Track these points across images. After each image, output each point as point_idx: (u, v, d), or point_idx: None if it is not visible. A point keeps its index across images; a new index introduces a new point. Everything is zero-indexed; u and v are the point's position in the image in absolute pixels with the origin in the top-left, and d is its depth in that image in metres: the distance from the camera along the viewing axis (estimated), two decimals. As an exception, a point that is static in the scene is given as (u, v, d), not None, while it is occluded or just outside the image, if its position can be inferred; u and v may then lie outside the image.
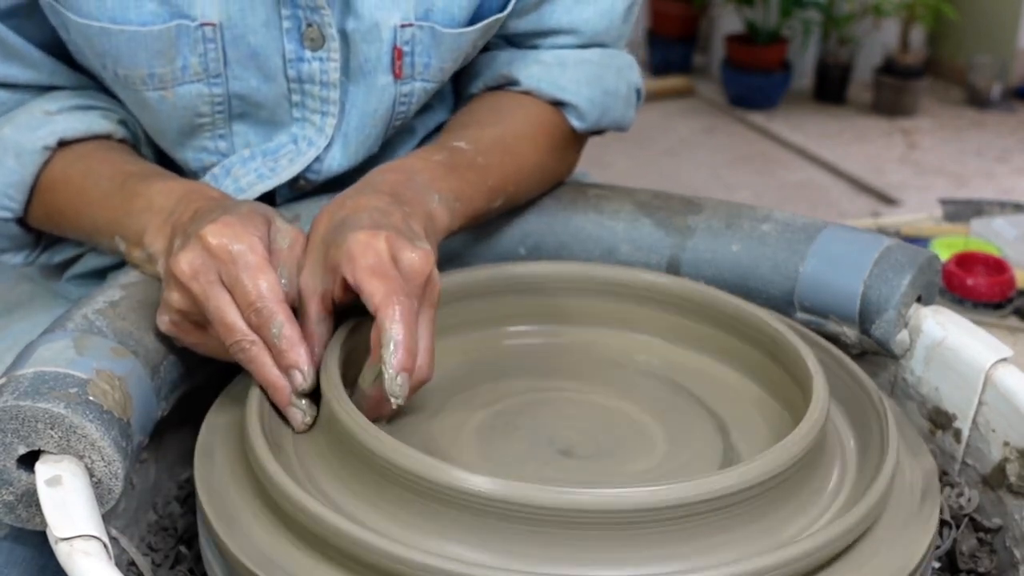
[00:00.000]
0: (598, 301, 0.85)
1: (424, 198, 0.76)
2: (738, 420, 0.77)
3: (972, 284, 1.53)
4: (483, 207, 0.84)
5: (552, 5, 0.92)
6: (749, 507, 0.61)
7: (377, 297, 0.65)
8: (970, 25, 4.28)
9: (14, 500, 0.63)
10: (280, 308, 0.68)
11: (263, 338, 0.68)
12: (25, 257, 0.94)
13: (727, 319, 0.80)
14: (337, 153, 0.90)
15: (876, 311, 0.81)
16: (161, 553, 0.73)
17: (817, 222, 0.87)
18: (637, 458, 0.72)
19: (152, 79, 0.83)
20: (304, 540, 0.61)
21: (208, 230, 0.68)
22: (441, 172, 0.80)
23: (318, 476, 0.66)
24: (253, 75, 0.85)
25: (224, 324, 0.68)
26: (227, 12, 0.82)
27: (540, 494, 0.58)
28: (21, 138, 0.85)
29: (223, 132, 0.88)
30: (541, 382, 0.80)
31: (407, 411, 0.75)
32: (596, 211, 0.92)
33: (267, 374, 0.69)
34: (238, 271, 0.68)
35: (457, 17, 0.87)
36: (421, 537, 0.60)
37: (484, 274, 0.84)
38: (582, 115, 0.94)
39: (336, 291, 0.70)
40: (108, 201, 0.81)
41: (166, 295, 0.71)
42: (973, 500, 0.77)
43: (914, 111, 4.16)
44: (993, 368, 0.77)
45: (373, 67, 0.86)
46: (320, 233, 0.72)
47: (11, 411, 0.61)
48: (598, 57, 0.94)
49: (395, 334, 0.64)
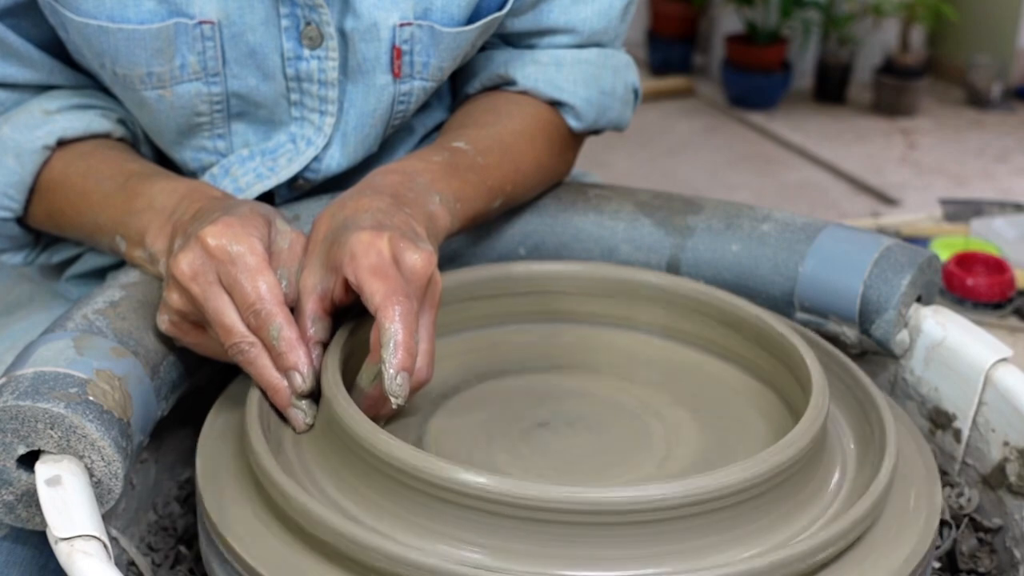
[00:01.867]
0: (598, 300, 0.85)
1: (425, 199, 0.76)
2: (738, 419, 0.77)
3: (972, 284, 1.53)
4: (483, 208, 0.84)
5: (550, 4, 0.91)
6: (749, 507, 0.61)
7: (378, 297, 0.65)
8: (970, 25, 4.28)
9: (14, 500, 0.63)
10: (279, 310, 0.68)
11: (262, 340, 0.68)
12: (25, 257, 0.94)
13: (727, 318, 0.80)
14: (336, 152, 0.90)
15: (876, 311, 0.81)
16: (161, 553, 0.73)
17: (817, 222, 0.87)
18: (637, 457, 0.72)
19: (150, 78, 0.83)
20: (304, 540, 0.61)
21: (208, 231, 0.68)
22: (441, 173, 0.80)
23: (318, 476, 0.66)
24: (252, 74, 0.85)
25: (223, 326, 0.68)
26: (225, 10, 0.82)
27: (540, 492, 0.58)
28: (20, 138, 0.85)
29: (222, 131, 0.88)
30: (541, 381, 0.80)
31: (407, 411, 0.75)
32: (596, 211, 0.92)
33: (266, 376, 0.69)
34: (237, 273, 0.68)
35: (456, 16, 0.87)
36: (422, 537, 0.60)
37: (484, 274, 0.84)
38: (579, 115, 0.94)
39: (336, 291, 0.70)
40: (109, 200, 0.81)
41: (166, 295, 0.71)
42: (973, 500, 0.77)
43: (914, 111, 4.15)
44: (993, 368, 0.77)
45: (372, 66, 0.86)
46: (321, 233, 0.72)
47: (11, 411, 0.61)
48: (595, 57, 0.94)
49: (395, 333, 0.64)
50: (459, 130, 0.89)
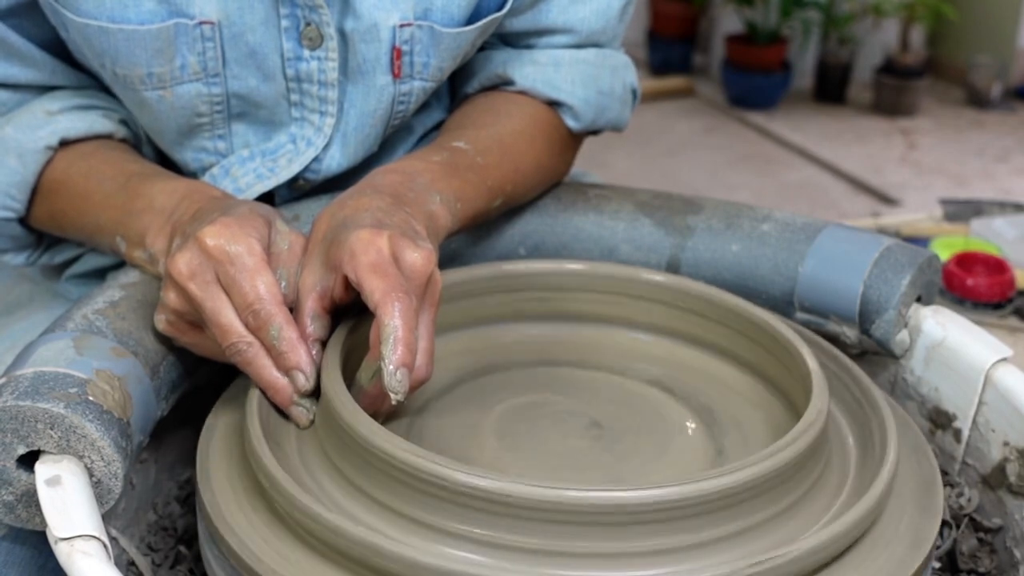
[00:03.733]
0: (598, 298, 0.85)
1: (425, 199, 0.76)
2: (738, 418, 0.77)
3: (972, 284, 1.53)
4: (483, 207, 0.84)
5: (548, 4, 0.91)
6: (748, 507, 0.61)
7: (377, 294, 0.65)
8: (970, 25, 4.28)
9: (14, 500, 0.63)
10: (279, 310, 0.68)
11: (261, 340, 0.68)
12: (27, 258, 0.94)
13: (728, 317, 0.80)
14: (336, 153, 0.90)
15: (876, 311, 0.81)
16: (161, 553, 0.73)
17: (817, 222, 0.87)
18: (636, 456, 0.71)
19: (151, 78, 0.83)
20: (305, 540, 0.61)
21: (206, 231, 0.68)
22: (441, 173, 0.80)
23: (319, 475, 0.66)
24: (252, 74, 0.85)
25: (220, 326, 0.68)
26: (225, 11, 0.82)
27: (539, 492, 0.58)
28: (23, 138, 0.85)
29: (222, 132, 0.88)
30: (541, 379, 0.80)
31: (406, 409, 0.75)
32: (596, 211, 0.92)
33: (266, 376, 0.69)
34: (235, 273, 0.68)
35: (456, 16, 0.87)
36: (424, 536, 0.60)
37: (485, 272, 0.84)
38: (577, 115, 0.94)
39: (336, 289, 0.69)
40: (110, 201, 0.81)
41: (163, 295, 0.71)
42: (973, 500, 0.77)
43: (914, 111, 4.16)
44: (993, 368, 0.77)
45: (372, 67, 0.86)
46: (321, 232, 0.72)
47: (11, 411, 0.61)
48: (593, 57, 0.94)
49: (395, 329, 0.64)
50: (458, 130, 0.89)
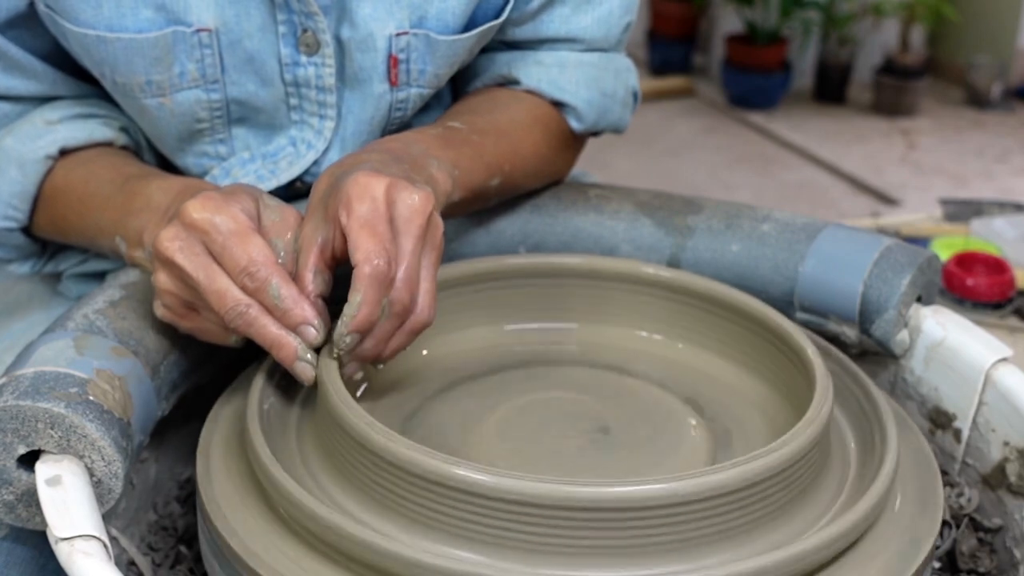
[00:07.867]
0: (602, 293, 0.85)
1: (424, 162, 0.76)
2: (740, 417, 0.77)
3: (972, 284, 1.53)
4: (481, 181, 0.83)
5: (550, 15, 0.92)
6: (747, 506, 0.61)
7: (359, 253, 0.65)
8: (970, 25, 4.29)
9: (14, 500, 0.63)
10: (275, 269, 0.67)
11: (261, 302, 0.67)
12: (32, 266, 0.94)
13: (730, 313, 0.80)
14: (335, 156, 0.90)
15: (876, 311, 0.81)
16: (161, 553, 0.73)
17: (817, 222, 0.87)
18: (636, 453, 0.71)
19: (150, 86, 0.83)
20: (305, 539, 0.61)
21: (188, 205, 0.67)
22: (438, 144, 0.80)
23: (320, 475, 0.66)
24: (250, 80, 0.85)
25: (216, 292, 0.66)
26: (223, 17, 0.82)
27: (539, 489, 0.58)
28: (23, 148, 0.85)
29: (222, 137, 0.88)
30: (541, 376, 0.80)
31: (408, 408, 0.75)
32: (596, 211, 0.92)
33: (269, 334, 0.67)
34: (224, 240, 0.67)
35: (452, 24, 0.87)
36: (424, 535, 0.60)
37: (486, 265, 0.84)
38: (580, 116, 0.94)
39: (337, 241, 0.68)
40: (109, 203, 0.81)
41: (154, 278, 0.69)
42: (973, 500, 0.77)
43: (914, 111, 4.16)
44: (993, 368, 0.77)
45: (368, 75, 0.86)
46: (321, 190, 0.71)
47: (11, 411, 0.61)
48: (597, 60, 0.94)
49: (363, 293, 0.65)
50: (455, 115, 0.89)
